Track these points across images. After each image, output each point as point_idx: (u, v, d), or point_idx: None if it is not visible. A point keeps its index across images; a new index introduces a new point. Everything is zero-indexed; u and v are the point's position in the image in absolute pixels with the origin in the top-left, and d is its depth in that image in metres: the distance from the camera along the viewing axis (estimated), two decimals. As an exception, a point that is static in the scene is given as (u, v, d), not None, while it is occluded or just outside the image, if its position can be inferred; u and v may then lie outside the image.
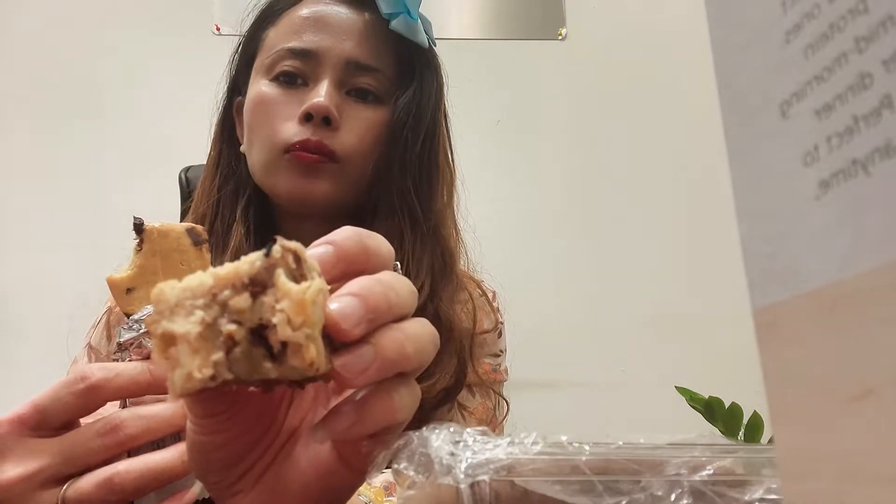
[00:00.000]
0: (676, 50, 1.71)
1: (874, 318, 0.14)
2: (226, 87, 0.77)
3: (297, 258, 0.25)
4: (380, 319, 0.26)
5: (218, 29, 1.70)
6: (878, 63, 0.15)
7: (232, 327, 0.24)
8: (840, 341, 0.15)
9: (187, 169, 0.94)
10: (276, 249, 0.24)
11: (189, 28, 1.70)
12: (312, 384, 0.27)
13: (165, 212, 0.85)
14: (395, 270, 0.30)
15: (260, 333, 0.24)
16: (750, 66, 0.18)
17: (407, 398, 0.28)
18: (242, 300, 0.24)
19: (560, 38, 1.78)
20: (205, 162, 0.93)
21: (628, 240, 1.69)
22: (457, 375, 0.67)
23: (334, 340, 0.26)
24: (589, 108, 1.75)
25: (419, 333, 0.28)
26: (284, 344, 0.24)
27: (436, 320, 0.59)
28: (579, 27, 1.78)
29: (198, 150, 0.88)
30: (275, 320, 0.24)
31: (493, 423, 0.71)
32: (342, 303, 0.25)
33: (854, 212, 0.15)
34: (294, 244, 0.25)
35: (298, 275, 0.24)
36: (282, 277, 0.24)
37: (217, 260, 0.68)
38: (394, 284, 0.27)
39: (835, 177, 0.15)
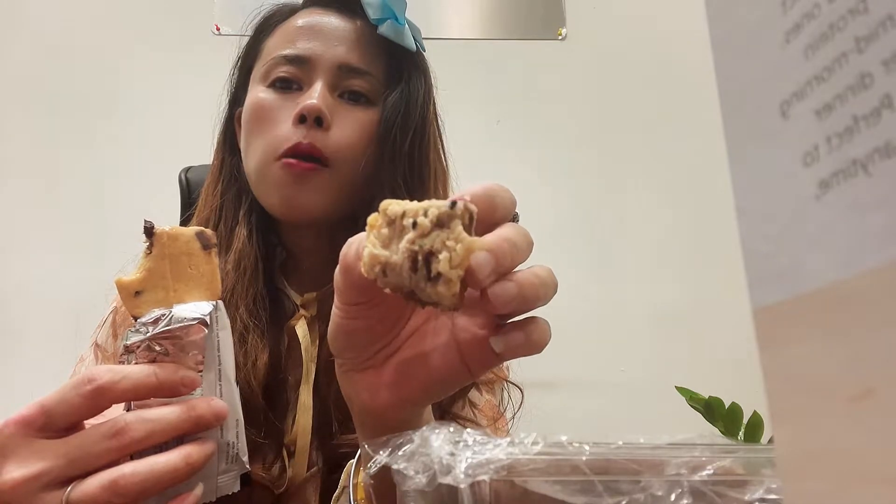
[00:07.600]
0: (676, 50, 1.71)
1: (874, 318, 0.14)
2: (227, 98, 0.79)
3: (471, 217, 0.33)
4: (504, 272, 0.33)
5: (218, 29, 1.70)
6: (878, 63, 0.15)
7: (414, 246, 0.32)
8: (840, 341, 0.15)
9: (187, 169, 0.94)
10: (460, 206, 0.32)
11: (189, 28, 1.70)
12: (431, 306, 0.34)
13: (165, 212, 0.85)
14: (515, 220, 0.35)
15: (426, 259, 0.32)
16: (750, 66, 0.18)
17: (547, 333, 0.37)
18: (428, 223, 0.32)
19: (560, 38, 1.78)
20: (205, 162, 0.93)
21: (628, 239, 1.69)
22: None
23: (466, 283, 0.33)
24: (589, 108, 1.75)
25: (546, 278, 0.35)
26: (438, 274, 0.32)
27: None
28: (579, 27, 1.78)
29: (198, 150, 0.88)
30: (441, 256, 0.31)
31: (500, 420, 0.72)
32: (480, 258, 0.32)
33: (854, 212, 0.15)
34: (472, 206, 0.33)
35: (469, 228, 0.32)
36: (459, 226, 0.32)
37: (220, 261, 0.69)
38: (517, 242, 0.34)
39: (835, 177, 0.15)
